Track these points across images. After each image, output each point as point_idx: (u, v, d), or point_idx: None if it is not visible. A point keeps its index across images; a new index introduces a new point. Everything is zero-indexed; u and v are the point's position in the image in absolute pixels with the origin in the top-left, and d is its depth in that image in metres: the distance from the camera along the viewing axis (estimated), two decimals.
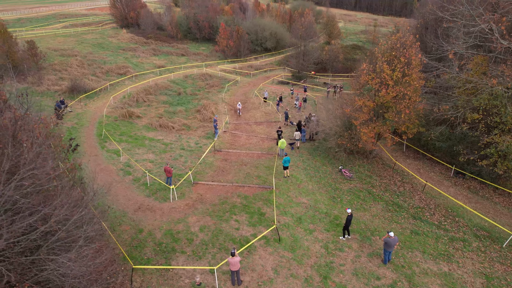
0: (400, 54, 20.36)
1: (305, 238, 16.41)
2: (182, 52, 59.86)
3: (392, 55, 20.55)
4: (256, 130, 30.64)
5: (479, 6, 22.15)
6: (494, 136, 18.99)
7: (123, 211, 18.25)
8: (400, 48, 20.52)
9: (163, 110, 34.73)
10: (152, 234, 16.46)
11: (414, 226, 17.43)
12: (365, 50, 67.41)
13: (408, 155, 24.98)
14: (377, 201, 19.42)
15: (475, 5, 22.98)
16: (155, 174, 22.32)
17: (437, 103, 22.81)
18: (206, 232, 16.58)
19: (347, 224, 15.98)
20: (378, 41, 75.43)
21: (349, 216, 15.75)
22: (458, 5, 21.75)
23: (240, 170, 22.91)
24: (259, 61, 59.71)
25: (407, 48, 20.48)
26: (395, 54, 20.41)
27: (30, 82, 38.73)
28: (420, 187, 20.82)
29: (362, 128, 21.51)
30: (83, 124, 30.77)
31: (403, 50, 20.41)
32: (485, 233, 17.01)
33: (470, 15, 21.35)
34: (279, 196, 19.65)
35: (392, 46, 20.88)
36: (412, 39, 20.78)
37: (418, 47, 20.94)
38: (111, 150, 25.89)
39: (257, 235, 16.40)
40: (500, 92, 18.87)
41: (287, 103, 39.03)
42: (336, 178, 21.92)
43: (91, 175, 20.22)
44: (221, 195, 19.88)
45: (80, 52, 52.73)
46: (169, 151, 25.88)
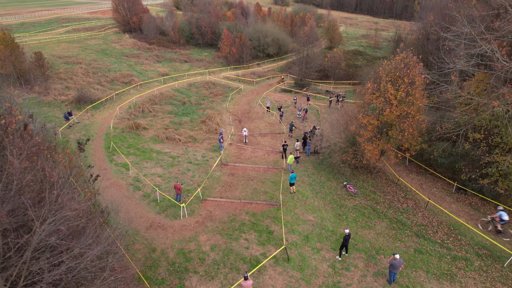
0: (404, 75, 20.91)
1: (313, 257, 16.98)
2: (185, 58, 60.34)
3: (396, 75, 21.09)
4: (261, 142, 31.19)
5: (481, 25, 22.75)
6: (495, 155, 19.56)
7: (135, 229, 18.81)
8: (404, 68, 21.06)
9: (168, 120, 35.27)
10: (165, 253, 17.03)
11: (417, 245, 18.00)
12: (366, 55, 68.06)
13: (411, 170, 25.55)
14: (381, 219, 20.00)
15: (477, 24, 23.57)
16: (164, 189, 22.89)
17: (439, 120, 23.34)
18: (217, 251, 17.15)
19: (344, 243, 16.54)
20: (380, 46, 76.03)
21: (346, 236, 16.32)
22: (460, 26, 22.31)
23: (247, 185, 23.48)
24: (261, 67, 60.21)
25: (410, 68, 21.03)
26: (399, 75, 20.95)
27: (37, 92, 39.28)
28: (423, 203, 21.39)
29: (367, 145, 22.07)
30: (90, 136, 31.27)
31: (406, 71, 20.95)
32: (487, 252, 17.59)
33: (471, 36, 21.92)
34: (286, 213, 20.22)
35: (396, 66, 21.41)
36: (416, 60, 21.31)
37: (421, 67, 21.45)
38: (120, 164, 26.45)
39: (267, 254, 16.99)
40: (501, 113, 19.44)
41: (290, 112, 39.57)
42: (341, 194, 22.49)
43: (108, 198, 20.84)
44: (230, 212, 20.45)
45: (84, 59, 53.24)
46: (176, 165, 26.43)
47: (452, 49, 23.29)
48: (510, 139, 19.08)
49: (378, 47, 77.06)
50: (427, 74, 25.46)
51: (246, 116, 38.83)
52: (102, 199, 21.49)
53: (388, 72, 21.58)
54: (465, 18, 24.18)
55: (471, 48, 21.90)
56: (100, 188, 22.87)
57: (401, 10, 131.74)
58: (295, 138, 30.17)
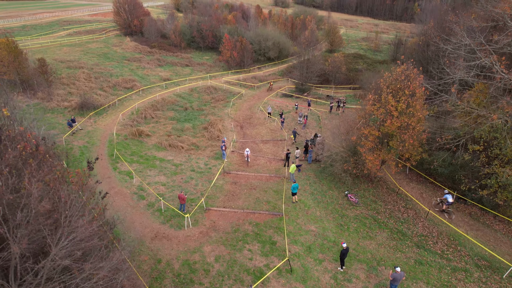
0: (404, 86, 21.23)
1: (315, 268, 17.31)
2: (187, 62, 60.64)
3: (397, 87, 21.40)
4: (263, 150, 31.51)
5: (480, 35, 23.09)
6: (494, 166, 19.89)
7: (140, 240, 19.13)
8: (405, 80, 21.38)
9: (171, 127, 35.60)
10: (170, 264, 17.35)
11: (418, 256, 18.33)
12: (367, 59, 68.42)
13: (411, 178, 25.88)
14: (382, 229, 20.33)
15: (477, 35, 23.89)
16: (168, 198, 23.21)
17: (439, 130, 23.65)
18: (222, 262, 17.48)
19: (341, 257, 16.87)
20: (380, 49, 76.27)
21: (343, 250, 16.65)
22: (460, 38, 22.63)
23: (249, 194, 23.80)
24: (262, 71, 60.52)
25: (411, 80, 21.35)
26: (400, 86, 21.27)
27: (40, 97, 39.59)
28: (423, 213, 21.73)
29: (368, 156, 22.40)
30: (94, 143, 31.62)
31: (407, 83, 21.27)
32: (486, 263, 17.92)
33: (471, 47, 22.25)
34: (289, 224, 20.55)
35: (396, 78, 21.73)
36: (416, 72, 21.63)
37: (421, 79, 21.77)
38: (124, 172, 26.76)
39: (270, 265, 17.32)
40: (500, 125, 19.77)
41: (292, 118, 39.89)
42: (342, 203, 22.81)
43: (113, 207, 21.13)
44: (233, 222, 20.77)
45: (86, 63, 53.54)
46: (179, 173, 26.74)
47: (453, 62, 23.58)
48: (509, 151, 19.42)
49: (379, 50, 77.38)
50: (428, 84, 25.80)
51: (248, 122, 39.13)
52: (107, 208, 21.83)
53: (389, 84, 21.89)
54: (465, 30, 24.52)
55: (471, 60, 22.23)
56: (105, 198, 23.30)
57: (401, 12, 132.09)
58: (296, 146, 30.47)
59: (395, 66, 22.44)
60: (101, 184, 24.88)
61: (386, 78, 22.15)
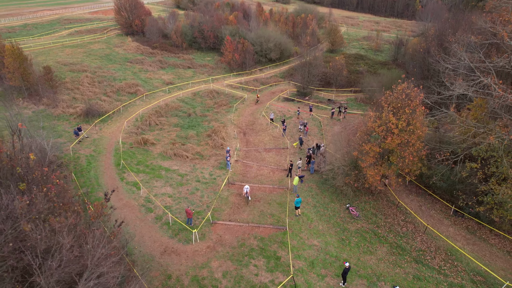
0: (405, 105, 21.85)
1: (318, 284, 18.16)
2: (188, 64, 61.00)
3: (398, 106, 22.02)
4: (266, 159, 32.21)
5: (479, 51, 23.66)
6: (491, 183, 20.63)
7: (150, 255, 19.93)
8: (405, 99, 21.98)
9: (175, 134, 36.23)
10: (180, 280, 18.18)
11: (416, 271, 19.17)
12: (368, 60, 68.77)
13: (411, 190, 26.63)
14: (382, 243, 21.14)
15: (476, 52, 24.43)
16: (175, 211, 23.98)
17: (438, 145, 24.29)
18: (229, 278, 18.31)
19: (343, 275, 17.73)
20: (381, 49, 76.39)
21: (346, 269, 17.49)
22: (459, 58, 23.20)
23: (254, 207, 24.58)
24: (264, 73, 60.89)
25: (411, 99, 21.96)
26: (400, 105, 21.89)
27: (46, 104, 40.12)
28: (422, 227, 22.53)
29: (369, 171, 23.13)
30: (100, 152, 32.29)
31: (408, 101, 21.88)
32: (481, 278, 18.77)
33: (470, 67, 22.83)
34: (292, 238, 21.36)
35: (398, 97, 22.32)
36: (417, 91, 22.22)
37: (422, 98, 22.38)
38: (130, 183, 27.49)
39: (275, 281, 18.16)
40: (497, 145, 20.45)
41: (294, 124, 40.52)
42: (344, 217, 23.60)
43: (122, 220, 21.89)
44: (239, 236, 21.57)
45: (89, 66, 53.91)
46: (185, 184, 27.46)
47: (453, 78, 24.15)
48: (505, 169, 20.14)
49: (380, 50, 77.63)
50: (428, 99, 26.42)
51: (250, 128, 39.76)
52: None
53: (390, 102, 22.49)
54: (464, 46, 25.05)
55: (470, 78, 22.83)
56: (114, 209, 24.11)
57: (403, 9, 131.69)
58: (299, 157, 31.16)
59: (396, 84, 23.01)
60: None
61: (388, 97, 22.73)
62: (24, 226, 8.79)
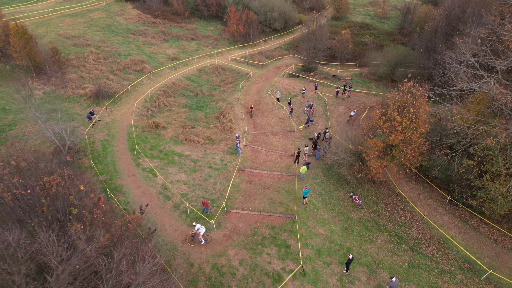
0: (409, 105, 22.84)
1: (324, 271, 20.51)
2: (192, 35, 59.98)
3: (403, 106, 23.00)
4: (274, 143, 33.63)
5: (486, 44, 24.18)
6: (485, 179, 22.30)
7: (173, 243, 22.13)
8: (410, 98, 22.91)
9: (184, 116, 37.28)
10: (202, 268, 20.49)
11: (411, 259, 21.49)
12: (373, 29, 67.34)
13: (411, 178, 28.40)
14: (382, 232, 23.32)
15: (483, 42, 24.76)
16: (191, 199, 25.90)
17: (438, 139, 25.58)
18: (245, 266, 20.62)
19: (347, 264, 20.02)
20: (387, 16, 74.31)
21: (349, 260, 19.70)
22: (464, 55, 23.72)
23: (264, 195, 26.47)
24: (268, 44, 60.14)
25: (416, 98, 22.89)
26: (405, 105, 22.87)
27: (55, 84, 40.57)
28: (419, 216, 24.60)
29: (372, 163, 24.69)
30: (114, 136, 33.59)
31: (412, 101, 22.84)
32: (469, 265, 21.13)
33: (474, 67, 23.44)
34: (301, 227, 23.48)
35: (403, 96, 23.22)
36: (422, 90, 23.07)
37: (426, 97, 23.27)
38: (146, 169, 29.16)
39: (286, 268, 20.50)
40: (493, 144, 21.80)
41: (299, 104, 41.35)
42: (347, 205, 25.59)
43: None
44: (252, 224, 23.68)
45: (91, 39, 53.19)
46: (198, 170, 29.15)
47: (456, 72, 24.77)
48: (499, 167, 21.69)
49: (386, 17, 75.48)
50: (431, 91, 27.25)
51: (257, 108, 40.66)
52: (138, 209, 24.61)
53: (395, 102, 23.43)
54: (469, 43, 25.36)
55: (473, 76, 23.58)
56: (134, 197, 26.07)
57: None
58: (305, 144, 32.50)
59: (401, 82, 23.76)
60: (128, 183, 27.61)
61: (394, 96, 23.61)
62: (94, 260, 10.45)
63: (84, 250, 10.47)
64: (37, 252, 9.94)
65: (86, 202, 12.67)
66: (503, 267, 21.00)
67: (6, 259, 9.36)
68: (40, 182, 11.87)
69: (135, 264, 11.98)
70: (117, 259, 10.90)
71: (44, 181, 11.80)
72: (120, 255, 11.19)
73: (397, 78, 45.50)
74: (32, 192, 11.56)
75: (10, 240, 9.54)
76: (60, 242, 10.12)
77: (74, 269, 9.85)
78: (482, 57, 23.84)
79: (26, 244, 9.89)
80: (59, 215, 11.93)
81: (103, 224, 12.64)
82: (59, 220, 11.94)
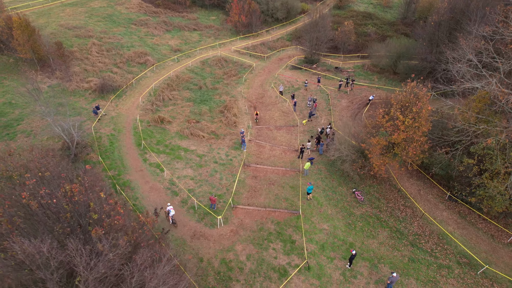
0: (412, 105, 23.31)
1: (328, 266, 21.46)
2: (194, 25, 59.65)
3: (406, 105, 23.47)
4: (277, 138, 34.21)
5: (489, 42, 24.48)
6: (484, 177, 23.00)
7: (182, 239, 23.01)
8: (413, 98, 23.36)
9: (189, 110, 37.71)
10: (211, 263, 21.42)
11: (411, 254, 22.42)
12: (376, 19, 66.89)
13: (412, 173, 29.11)
14: (383, 228, 24.19)
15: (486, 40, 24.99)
16: (198, 194, 26.67)
17: (440, 134, 26.14)
18: (252, 261, 21.54)
19: (350, 259, 20.93)
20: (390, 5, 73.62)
21: (352, 255, 20.59)
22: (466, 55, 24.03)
23: (269, 191, 27.23)
24: (271, 35, 59.89)
25: (419, 98, 23.35)
26: (408, 105, 23.35)
27: (59, 77, 40.75)
28: (419, 212, 25.43)
29: (375, 161, 25.35)
30: (120, 130, 34.12)
31: (415, 101, 23.29)
32: (466, 260, 22.07)
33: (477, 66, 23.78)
34: (305, 222, 24.33)
35: (406, 96, 23.66)
36: (425, 92, 23.49)
37: (429, 97, 23.71)
38: (153, 164, 29.82)
39: (291, 263, 21.44)
40: (493, 144, 22.40)
41: (302, 97, 41.69)
42: (350, 201, 26.39)
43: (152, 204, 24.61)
44: (258, 220, 24.52)
45: (93, 30, 52.94)
46: (204, 166, 29.82)
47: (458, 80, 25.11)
48: (498, 166, 22.36)
49: (389, 6, 74.78)
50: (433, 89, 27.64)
51: (260, 101, 41.06)
52: (147, 204, 25.45)
53: (399, 101, 23.89)
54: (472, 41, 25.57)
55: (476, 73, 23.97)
56: (143, 192, 26.84)
57: None
58: (308, 139, 33.04)
59: (405, 83, 24.16)
60: (136, 178, 28.32)
61: (397, 96, 24.05)
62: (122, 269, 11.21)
63: (107, 255, 11.18)
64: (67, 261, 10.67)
65: (106, 208, 13.37)
66: (498, 262, 21.95)
67: (41, 267, 10.09)
68: (63, 189, 12.53)
69: (153, 265, 12.77)
70: (139, 263, 11.67)
71: (66, 189, 12.46)
72: (142, 260, 11.95)
73: (400, 71, 45.78)
74: (57, 201, 12.21)
75: (44, 250, 10.25)
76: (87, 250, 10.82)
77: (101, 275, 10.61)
78: (485, 56, 24.17)
79: (58, 254, 10.59)
80: (80, 220, 12.63)
81: (122, 226, 13.34)
82: (80, 225, 12.64)
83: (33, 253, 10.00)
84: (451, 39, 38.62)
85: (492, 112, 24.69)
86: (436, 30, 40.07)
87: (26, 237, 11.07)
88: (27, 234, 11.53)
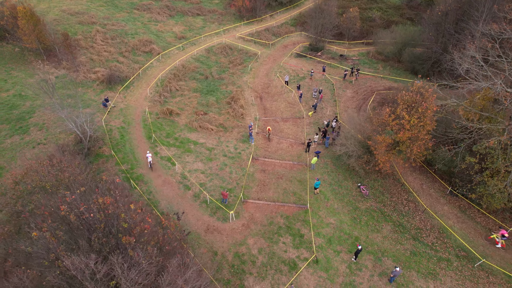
0: (418, 105, 23.97)
1: (335, 259, 22.87)
2: (197, 10, 58.89)
3: (412, 104, 24.13)
4: (284, 130, 34.97)
5: (496, 40, 24.87)
6: (484, 175, 24.02)
7: (196, 233, 24.30)
8: (420, 99, 23.98)
9: (196, 102, 38.23)
10: (225, 256, 22.79)
11: (413, 247, 23.80)
12: (381, 3, 65.85)
13: (415, 168, 30.11)
14: (387, 222, 25.46)
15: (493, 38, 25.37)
16: (209, 188, 27.77)
17: (444, 131, 26.94)
18: (264, 254, 22.92)
19: (356, 253, 22.29)
20: None
21: (358, 250, 21.92)
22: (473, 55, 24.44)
23: (278, 185, 28.32)
24: (275, 19, 59.25)
25: (425, 98, 23.97)
26: (414, 105, 24.00)
27: (66, 67, 40.93)
28: (421, 206, 26.63)
29: (380, 157, 26.29)
30: (129, 123, 34.82)
31: (421, 101, 23.93)
32: (464, 253, 23.47)
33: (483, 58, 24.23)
34: (313, 216, 25.57)
35: (412, 96, 24.26)
36: (431, 91, 24.07)
37: (434, 98, 24.31)
38: (165, 158, 30.77)
39: (300, 256, 22.83)
40: (495, 143, 23.25)
41: (307, 87, 42.06)
42: (355, 195, 27.54)
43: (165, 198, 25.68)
44: (267, 214, 25.75)
45: (96, 16, 52.46)
46: (214, 159, 30.78)
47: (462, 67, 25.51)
48: (499, 164, 23.32)
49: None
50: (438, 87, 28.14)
51: (266, 91, 41.47)
52: (161, 198, 26.61)
53: (405, 101, 24.51)
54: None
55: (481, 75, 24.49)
56: (156, 186, 27.93)
57: None
58: (315, 132, 33.76)
59: (411, 82, 24.66)
60: (148, 172, 29.35)
61: (403, 96, 24.65)
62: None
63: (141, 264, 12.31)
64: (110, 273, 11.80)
65: (135, 218, 14.38)
66: (495, 255, 23.35)
67: (88, 279, 11.21)
68: (96, 201, 13.51)
69: (181, 270, 13.96)
70: (171, 271, 12.83)
71: (99, 202, 13.43)
72: (173, 267, 13.10)
73: (404, 59, 45.85)
74: (94, 214, 13.21)
75: (92, 265, 11.33)
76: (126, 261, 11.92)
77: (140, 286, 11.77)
78: (491, 55, 24.58)
79: (101, 267, 11.70)
80: (112, 229, 13.67)
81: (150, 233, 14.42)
82: (112, 233, 13.70)
83: (82, 268, 11.10)
84: (457, 29, 38.58)
85: (495, 109, 25.37)
86: (443, 20, 39.86)
87: (69, 249, 12.14)
88: (68, 244, 12.59)
